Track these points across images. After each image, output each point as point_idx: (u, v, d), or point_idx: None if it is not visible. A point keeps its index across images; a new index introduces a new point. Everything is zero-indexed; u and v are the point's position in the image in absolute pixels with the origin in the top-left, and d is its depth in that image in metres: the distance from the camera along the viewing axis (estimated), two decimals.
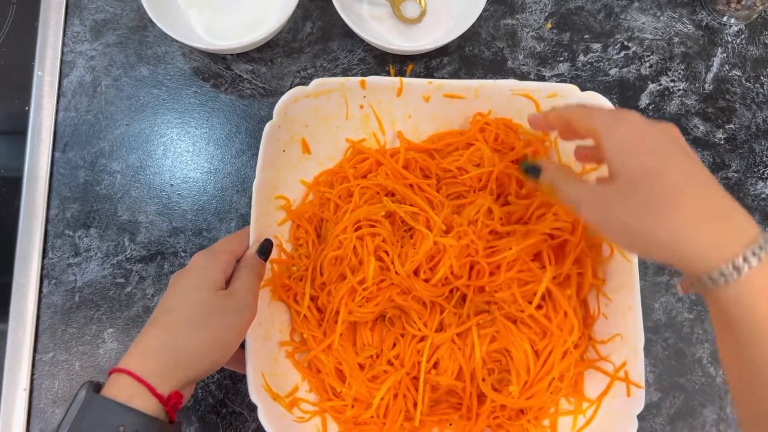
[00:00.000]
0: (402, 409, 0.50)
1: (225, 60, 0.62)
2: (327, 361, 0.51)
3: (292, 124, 0.53)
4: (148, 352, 0.40)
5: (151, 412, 0.37)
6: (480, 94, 0.53)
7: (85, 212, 0.59)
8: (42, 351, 0.56)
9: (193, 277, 0.44)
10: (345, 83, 0.52)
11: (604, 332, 0.52)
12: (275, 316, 0.52)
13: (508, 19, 0.64)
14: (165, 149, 0.61)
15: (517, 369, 0.50)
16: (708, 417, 0.57)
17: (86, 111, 0.61)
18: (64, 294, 0.57)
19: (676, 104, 0.63)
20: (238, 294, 0.44)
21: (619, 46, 0.64)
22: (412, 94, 0.54)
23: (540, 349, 0.50)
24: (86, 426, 0.36)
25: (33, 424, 0.55)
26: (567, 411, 0.51)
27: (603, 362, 0.51)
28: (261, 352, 0.49)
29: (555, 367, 0.50)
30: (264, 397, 0.48)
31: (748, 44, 0.64)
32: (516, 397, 0.49)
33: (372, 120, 0.55)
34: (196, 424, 0.56)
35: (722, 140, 0.62)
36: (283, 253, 0.53)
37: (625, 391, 0.49)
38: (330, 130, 0.55)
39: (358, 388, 0.50)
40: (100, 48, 0.62)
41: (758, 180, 0.62)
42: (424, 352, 0.50)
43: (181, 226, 0.59)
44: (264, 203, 0.51)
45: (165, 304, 0.43)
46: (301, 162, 0.55)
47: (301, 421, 0.50)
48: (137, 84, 0.62)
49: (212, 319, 0.42)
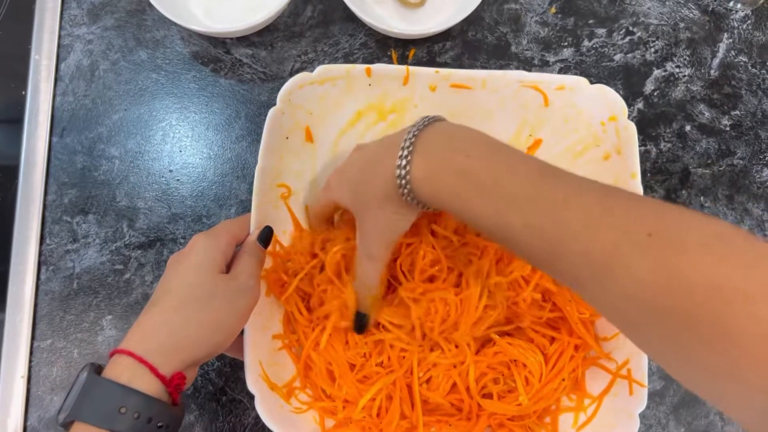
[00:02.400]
0: (398, 410, 0.49)
1: (224, 44, 0.61)
2: (318, 360, 0.50)
3: (296, 111, 0.51)
4: (149, 333, 0.39)
5: (153, 392, 0.37)
6: (487, 84, 0.52)
7: (83, 198, 0.58)
8: (40, 338, 0.56)
9: (193, 258, 0.43)
10: (351, 71, 0.51)
11: (607, 329, 0.51)
12: (273, 307, 0.51)
13: (511, 4, 0.63)
14: (164, 134, 0.60)
15: (528, 379, 0.49)
16: (711, 406, 0.57)
17: (84, 95, 0.60)
18: (62, 281, 0.57)
19: (681, 90, 0.62)
20: (240, 277, 0.44)
21: (624, 32, 0.63)
22: (418, 83, 0.52)
23: (549, 354, 0.50)
24: (88, 408, 0.36)
25: (31, 411, 0.54)
26: (568, 408, 0.51)
27: (605, 360, 0.51)
28: (259, 341, 0.49)
29: (565, 369, 0.49)
30: (261, 387, 0.47)
31: (754, 30, 0.63)
32: (525, 405, 0.48)
33: (378, 111, 0.54)
34: (196, 411, 0.55)
35: (728, 127, 0.62)
36: (279, 247, 0.52)
37: (627, 389, 0.49)
38: (334, 119, 0.54)
39: (348, 390, 0.49)
40: (98, 32, 0.61)
41: (763, 167, 0.61)
42: (414, 366, 0.49)
43: (181, 213, 0.58)
44: (266, 190, 0.50)
45: (165, 286, 0.42)
46: (304, 150, 0.54)
47: (299, 411, 0.49)
48: (135, 68, 0.61)
49: (214, 300, 0.41)
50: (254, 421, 0.55)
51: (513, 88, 0.52)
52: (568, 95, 0.52)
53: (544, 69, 0.62)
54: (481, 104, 0.53)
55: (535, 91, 0.52)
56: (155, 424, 0.37)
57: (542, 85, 0.52)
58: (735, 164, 0.61)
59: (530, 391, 0.49)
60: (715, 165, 0.61)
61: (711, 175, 0.61)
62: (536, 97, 0.52)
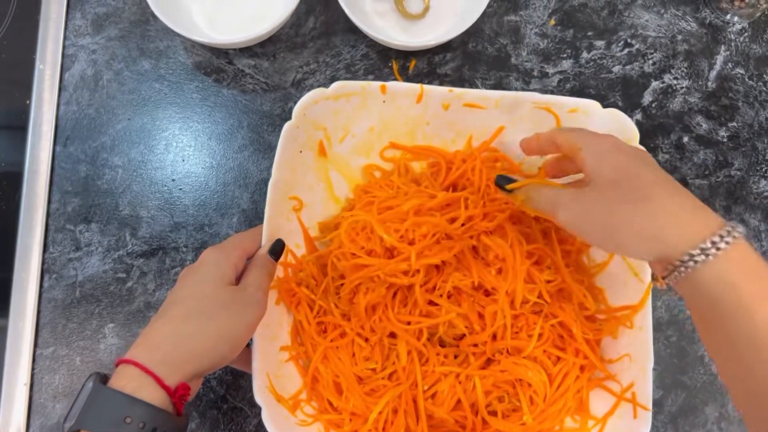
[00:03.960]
0: (403, 425, 0.49)
1: (227, 54, 0.62)
2: (325, 372, 0.50)
3: (310, 125, 0.52)
4: (156, 344, 0.39)
5: (158, 403, 0.37)
6: (500, 104, 0.53)
7: (86, 207, 0.59)
8: (42, 346, 0.56)
9: (203, 271, 0.44)
10: (366, 87, 0.52)
11: (613, 352, 0.52)
12: (282, 318, 0.52)
13: (511, 16, 0.64)
14: (167, 144, 0.60)
15: (533, 398, 0.49)
16: (710, 415, 0.57)
17: (88, 105, 0.61)
18: (64, 289, 0.57)
19: (679, 102, 0.63)
20: (248, 289, 0.44)
21: (623, 44, 0.64)
22: (431, 101, 0.53)
23: (553, 374, 0.50)
24: (93, 417, 0.36)
25: (33, 419, 0.55)
26: (572, 429, 0.51)
27: (610, 381, 0.51)
28: (268, 353, 0.49)
29: (570, 390, 0.49)
30: (268, 399, 0.47)
31: (751, 42, 0.64)
32: (530, 424, 0.49)
33: (390, 127, 0.55)
34: (198, 419, 0.56)
35: (725, 138, 0.62)
36: (292, 257, 0.52)
37: (632, 411, 0.49)
38: (347, 134, 0.54)
39: (355, 402, 0.49)
40: (102, 42, 0.62)
41: (760, 178, 0.62)
42: (418, 378, 0.49)
43: (183, 221, 0.59)
44: (278, 203, 0.51)
45: (173, 296, 0.42)
46: (317, 164, 0.54)
47: (304, 424, 0.49)
48: (139, 78, 0.61)
49: (221, 312, 0.41)
50: (255, 430, 0.56)
51: (526, 109, 0.52)
52: (581, 118, 0.52)
53: (543, 80, 0.62)
54: (493, 124, 0.54)
55: (547, 112, 0.52)
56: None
57: (555, 107, 0.52)
58: (732, 175, 0.62)
59: (534, 410, 0.49)
60: (713, 176, 0.62)
61: (708, 185, 0.62)
62: (548, 118, 0.53)
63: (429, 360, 0.50)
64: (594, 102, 0.52)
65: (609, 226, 0.38)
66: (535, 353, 0.50)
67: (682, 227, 0.36)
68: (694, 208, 0.37)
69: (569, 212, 0.40)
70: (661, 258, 0.37)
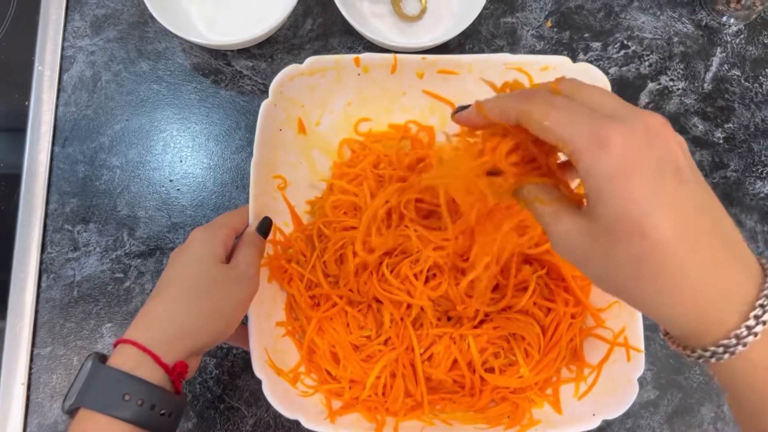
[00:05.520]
0: (402, 388, 0.50)
1: (225, 56, 0.62)
2: (321, 344, 0.51)
3: (288, 102, 0.53)
4: (152, 323, 0.40)
5: (156, 381, 0.38)
6: (473, 69, 0.53)
7: (84, 207, 0.59)
8: (40, 345, 0.56)
9: (193, 250, 0.44)
10: (340, 60, 0.52)
11: (602, 300, 0.52)
12: (276, 295, 0.52)
13: (508, 17, 0.64)
14: (165, 145, 0.61)
15: (527, 351, 0.50)
16: (706, 415, 0.57)
17: (86, 106, 0.61)
18: (62, 289, 0.57)
19: (675, 103, 0.63)
20: (239, 266, 0.45)
21: (619, 45, 0.64)
22: (406, 71, 0.54)
23: (546, 325, 0.51)
24: (92, 395, 0.36)
25: (31, 418, 0.55)
26: (568, 378, 0.52)
27: (602, 329, 0.51)
28: (264, 329, 0.50)
29: (563, 338, 0.50)
30: (268, 372, 0.48)
31: (747, 44, 0.64)
32: (527, 377, 0.49)
33: (368, 100, 0.55)
34: (194, 419, 0.56)
35: (721, 139, 0.63)
36: (280, 235, 0.53)
37: (625, 356, 0.50)
38: (325, 110, 0.55)
39: (353, 369, 0.50)
40: (101, 43, 0.62)
41: (756, 179, 0.62)
42: (413, 339, 0.49)
43: (181, 222, 0.59)
44: (262, 182, 0.51)
45: (166, 277, 0.43)
46: (298, 141, 0.55)
47: (306, 395, 0.50)
48: (137, 79, 0.62)
49: (215, 289, 0.42)
50: (251, 430, 0.56)
51: (498, 71, 0.53)
52: (553, 75, 0.52)
53: None
54: (468, 89, 0.54)
55: (520, 73, 0.53)
56: (158, 411, 0.37)
57: (527, 67, 0.53)
58: (728, 176, 0.62)
59: (530, 362, 0.50)
60: (709, 177, 0.62)
61: None
62: (522, 79, 0.53)
63: (423, 324, 0.50)
64: (565, 58, 0.53)
65: (611, 285, 0.31)
66: (527, 306, 0.50)
67: (706, 315, 0.28)
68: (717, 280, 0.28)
69: (567, 251, 0.31)
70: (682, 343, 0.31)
